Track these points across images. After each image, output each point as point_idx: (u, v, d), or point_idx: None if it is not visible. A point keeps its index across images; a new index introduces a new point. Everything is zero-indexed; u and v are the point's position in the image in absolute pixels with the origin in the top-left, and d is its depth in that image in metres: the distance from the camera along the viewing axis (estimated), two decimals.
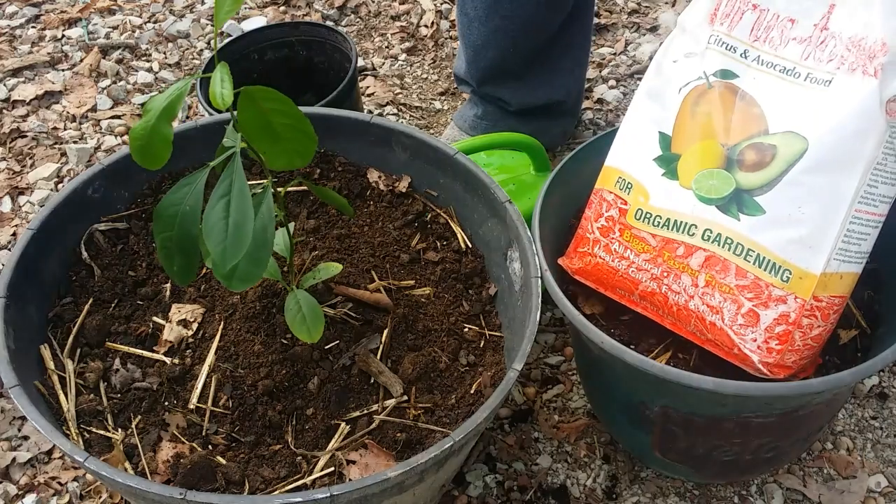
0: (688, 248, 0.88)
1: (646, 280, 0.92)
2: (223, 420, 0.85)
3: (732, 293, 0.86)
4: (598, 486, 1.06)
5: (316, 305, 0.84)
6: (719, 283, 0.86)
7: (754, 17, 0.89)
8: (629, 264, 0.93)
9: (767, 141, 0.85)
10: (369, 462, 0.83)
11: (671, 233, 0.89)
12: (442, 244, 1.03)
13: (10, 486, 1.07)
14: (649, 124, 0.93)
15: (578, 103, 1.50)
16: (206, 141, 1.00)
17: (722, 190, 0.86)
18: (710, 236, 0.87)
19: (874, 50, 0.81)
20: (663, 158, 0.91)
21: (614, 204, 0.94)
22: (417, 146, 1.03)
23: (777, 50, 0.87)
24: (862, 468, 1.07)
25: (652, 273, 0.91)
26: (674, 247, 0.89)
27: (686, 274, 0.88)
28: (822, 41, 0.85)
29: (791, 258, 0.83)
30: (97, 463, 0.73)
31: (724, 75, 0.90)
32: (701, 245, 0.87)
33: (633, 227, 0.92)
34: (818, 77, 0.84)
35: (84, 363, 0.89)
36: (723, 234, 0.86)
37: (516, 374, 0.81)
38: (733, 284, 0.85)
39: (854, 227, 0.83)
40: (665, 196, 0.90)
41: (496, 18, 1.28)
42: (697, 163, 0.89)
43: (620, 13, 1.83)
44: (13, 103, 1.61)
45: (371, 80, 1.68)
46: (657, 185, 0.91)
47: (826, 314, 0.85)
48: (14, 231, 1.39)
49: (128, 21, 1.81)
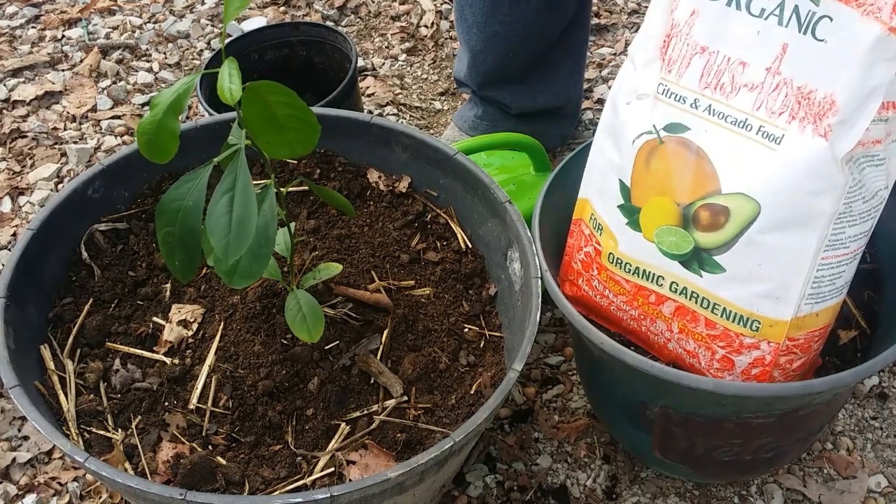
0: (658, 297, 0.87)
1: (626, 319, 0.92)
2: (223, 420, 0.85)
3: (705, 341, 0.85)
4: (598, 487, 1.06)
5: (316, 305, 0.84)
6: (691, 331, 0.85)
7: (703, 62, 0.81)
8: (609, 302, 0.92)
9: (720, 202, 0.80)
10: (369, 462, 0.83)
11: (641, 280, 0.88)
12: (442, 244, 1.03)
13: (10, 487, 1.07)
14: (610, 171, 0.89)
15: (578, 106, 1.51)
16: (206, 141, 1.00)
17: (682, 247, 0.83)
18: (676, 288, 0.85)
19: (823, 107, 0.74)
20: (625, 208, 0.88)
21: (591, 241, 0.92)
22: (417, 146, 1.03)
23: (728, 98, 0.80)
24: (862, 468, 1.07)
25: (630, 314, 0.91)
26: (646, 293, 0.88)
27: (661, 320, 0.88)
28: (775, 87, 0.77)
29: (758, 310, 0.81)
30: (97, 463, 0.73)
31: (674, 129, 0.83)
32: (669, 296, 0.86)
33: (608, 269, 0.91)
34: (770, 132, 0.77)
35: (84, 363, 0.89)
36: (688, 288, 0.84)
37: (516, 374, 0.81)
38: (704, 333, 0.84)
39: (823, 273, 0.79)
40: (631, 245, 0.88)
41: (494, 24, 1.28)
42: (656, 218, 0.85)
43: (620, 13, 1.83)
44: (13, 103, 1.61)
45: (371, 80, 1.68)
46: (623, 233, 0.88)
47: (806, 347, 0.84)
48: (14, 231, 1.39)
49: (128, 21, 1.81)
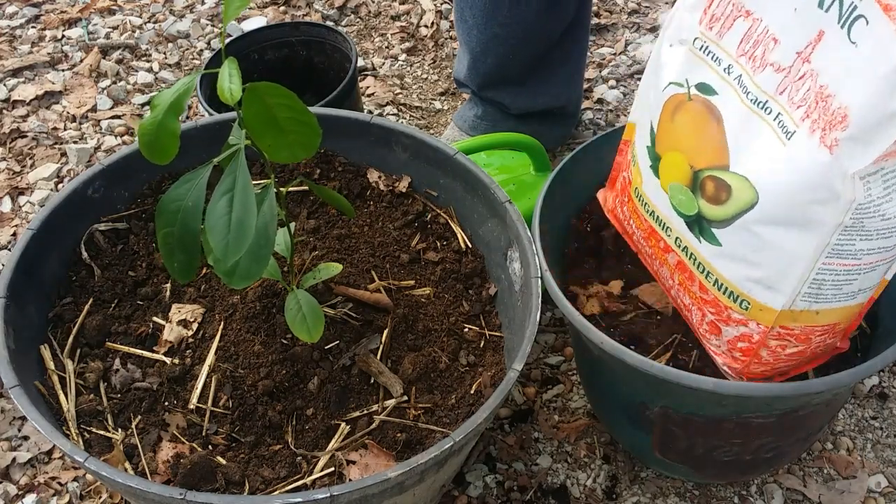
0: (666, 246, 0.87)
1: (643, 253, 0.92)
2: (223, 420, 0.85)
3: (698, 302, 0.84)
4: (598, 486, 1.06)
5: (316, 305, 0.84)
6: (688, 288, 0.85)
7: (745, 27, 0.76)
8: (633, 232, 0.92)
9: (725, 179, 0.77)
10: (369, 462, 0.83)
11: (655, 224, 0.88)
12: (442, 244, 1.03)
13: (10, 486, 1.07)
14: (647, 109, 0.87)
15: (578, 107, 1.51)
16: (206, 141, 1.00)
17: (688, 208, 0.82)
18: (679, 244, 0.84)
19: (836, 118, 0.68)
20: (651, 152, 0.86)
21: (628, 168, 0.91)
22: (417, 146, 1.03)
23: (755, 74, 0.76)
24: (862, 468, 1.07)
25: (646, 251, 0.90)
26: (657, 238, 0.88)
27: (666, 267, 0.88)
28: (801, 76, 0.72)
29: (750, 292, 0.78)
30: (97, 463, 0.73)
31: (704, 89, 0.80)
32: (674, 248, 0.86)
33: (633, 202, 0.91)
34: (785, 123, 0.73)
35: (84, 363, 0.89)
36: (689, 248, 0.83)
37: (516, 374, 0.81)
38: (697, 295, 0.84)
39: (824, 277, 0.75)
40: (651, 188, 0.87)
41: (494, 26, 1.28)
42: (671, 173, 0.84)
43: (620, 13, 1.83)
44: (13, 103, 1.61)
45: (371, 80, 1.68)
46: (647, 174, 0.87)
47: (804, 338, 0.80)
48: (14, 231, 1.39)
49: (128, 21, 1.81)
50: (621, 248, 1.01)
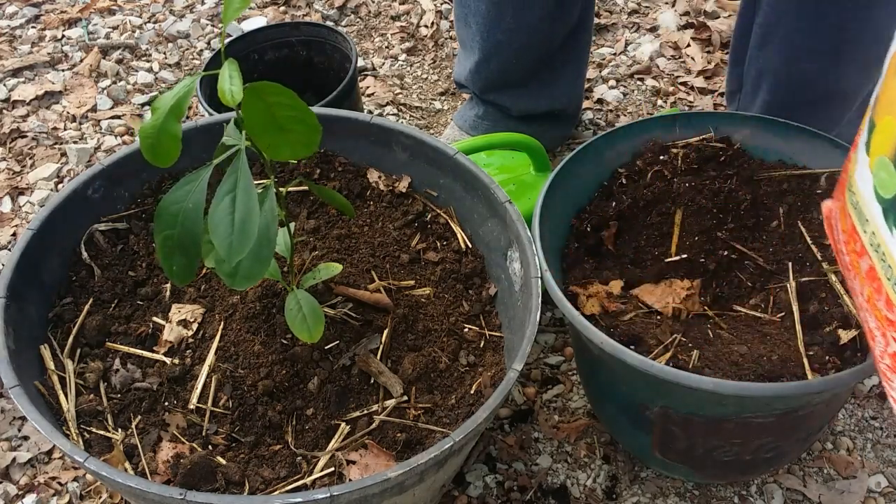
0: (861, 248, 0.67)
1: (842, 263, 0.73)
2: (223, 420, 0.85)
3: (882, 325, 0.64)
4: (598, 487, 1.06)
5: (316, 305, 0.84)
6: (874, 304, 0.65)
7: None
8: (838, 238, 0.74)
9: None
10: (369, 462, 0.83)
11: (856, 220, 0.68)
12: (442, 244, 1.03)
13: (10, 486, 1.07)
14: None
15: (579, 107, 1.51)
16: (206, 142, 1.00)
17: (888, 189, 0.62)
18: (873, 242, 0.64)
19: None
20: (870, 121, 0.66)
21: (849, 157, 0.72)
22: (417, 146, 1.03)
23: None
24: (862, 468, 1.07)
25: (843, 259, 0.71)
26: (856, 238, 0.68)
27: (858, 278, 0.68)
28: None
29: None
30: (97, 463, 0.73)
31: None
32: (868, 249, 0.65)
33: (844, 197, 0.72)
34: None
35: (84, 363, 0.89)
36: (881, 246, 0.63)
37: (516, 374, 0.81)
38: (884, 314, 0.64)
39: None
40: (859, 172, 0.67)
41: (498, 33, 1.28)
42: (881, 143, 0.64)
43: (620, 13, 1.83)
44: (13, 103, 1.61)
45: (371, 80, 1.68)
46: (861, 153, 0.67)
47: None
48: (14, 231, 1.39)
49: (128, 21, 1.81)
50: (621, 248, 1.01)
